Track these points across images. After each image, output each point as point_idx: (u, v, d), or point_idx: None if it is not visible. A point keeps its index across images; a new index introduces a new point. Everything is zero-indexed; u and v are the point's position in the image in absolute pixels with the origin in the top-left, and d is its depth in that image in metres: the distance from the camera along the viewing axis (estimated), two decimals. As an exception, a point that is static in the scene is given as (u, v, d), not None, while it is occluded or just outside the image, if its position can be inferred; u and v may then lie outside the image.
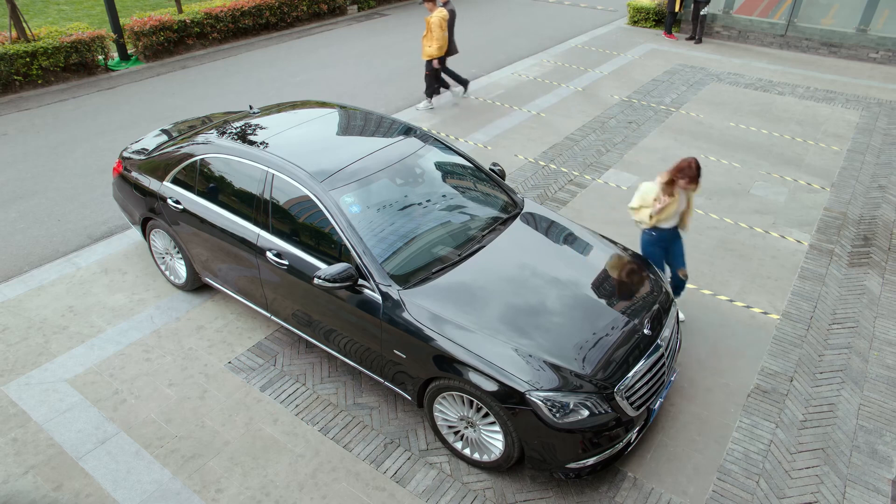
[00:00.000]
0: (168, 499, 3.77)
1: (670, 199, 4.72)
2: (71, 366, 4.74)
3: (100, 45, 10.94)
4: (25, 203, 7.00)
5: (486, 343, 3.70)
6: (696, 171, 4.62)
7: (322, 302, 4.25)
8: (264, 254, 4.46)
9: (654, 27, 14.35)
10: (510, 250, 4.39)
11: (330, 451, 4.09)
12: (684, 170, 4.62)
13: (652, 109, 9.74)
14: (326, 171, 4.34)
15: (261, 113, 5.41)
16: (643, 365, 3.87)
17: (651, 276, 4.52)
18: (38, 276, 5.74)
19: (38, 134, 8.70)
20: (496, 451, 3.82)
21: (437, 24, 8.85)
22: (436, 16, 8.87)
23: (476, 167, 5.10)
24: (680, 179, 4.66)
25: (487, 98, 10.09)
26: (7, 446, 4.09)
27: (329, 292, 4.15)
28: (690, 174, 4.61)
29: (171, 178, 5.12)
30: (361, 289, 4.01)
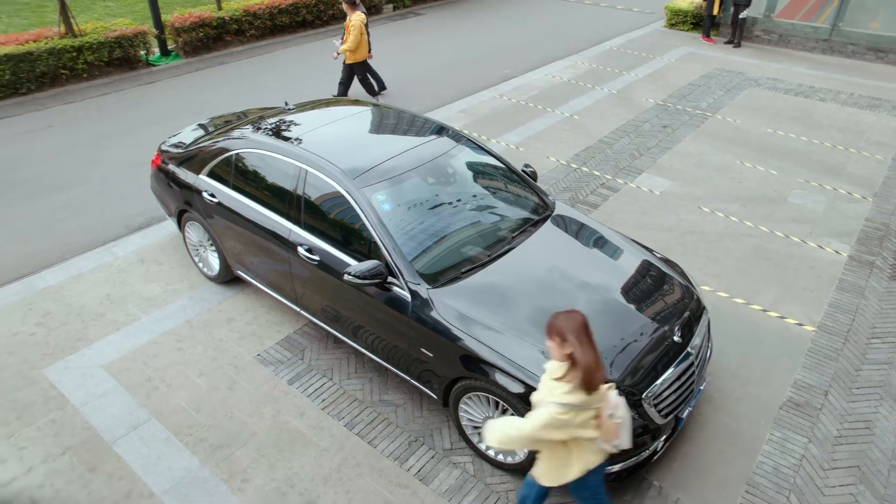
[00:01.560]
0: (196, 486, 3.85)
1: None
2: (107, 352, 4.87)
3: (142, 40, 11.20)
4: (68, 193, 7.21)
5: (513, 344, 3.69)
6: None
7: (351, 298, 4.28)
8: (295, 249, 4.51)
9: (692, 30, 14.12)
10: (540, 252, 4.37)
11: (355, 446, 4.12)
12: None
13: (687, 114, 9.59)
14: (359, 168, 4.37)
15: (296, 109, 5.47)
16: (672, 373, 3.82)
17: (682, 283, 4.46)
18: (79, 263, 5.91)
19: (82, 126, 8.95)
20: (521, 453, 3.81)
21: (357, 27, 8.69)
22: (355, 19, 8.74)
23: (508, 168, 5.09)
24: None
25: (520, 99, 10.05)
26: (46, 427, 4.22)
27: (358, 289, 4.18)
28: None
29: (206, 171, 5.22)
30: (391, 286, 4.04)
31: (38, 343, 4.94)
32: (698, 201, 7.16)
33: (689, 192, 7.34)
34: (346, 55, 8.93)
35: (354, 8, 8.81)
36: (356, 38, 8.70)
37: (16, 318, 5.20)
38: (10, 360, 4.77)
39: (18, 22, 13.83)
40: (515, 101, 10.00)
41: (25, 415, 4.31)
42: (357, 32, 8.69)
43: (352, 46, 8.76)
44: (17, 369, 4.68)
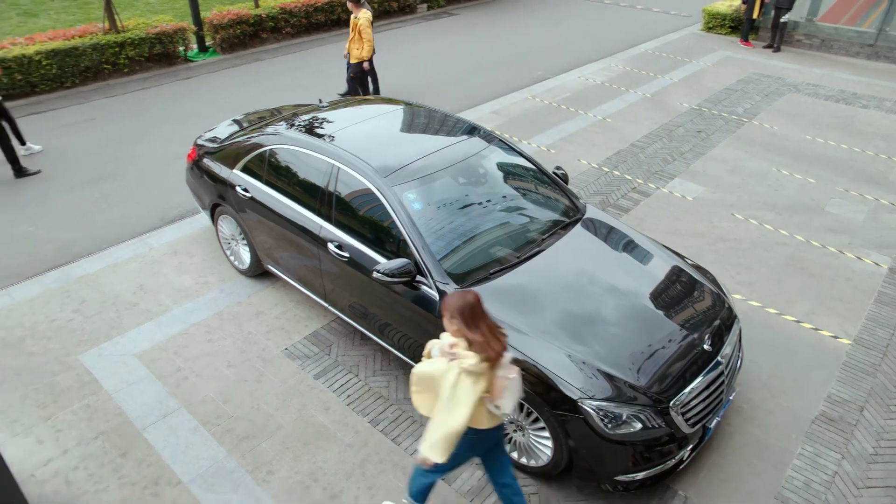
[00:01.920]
0: (222, 476, 3.91)
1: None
2: (140, 341, 4.98)
3: (181, 36, 11.44)
4: (107, 184, 7.40)
5: (539, 347, 3.67)
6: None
7: (379, 295, 4.31)
8: (326, 245, 4.56)
9: (730, 34, 13.85)
10: (569, 256, 4.34)
11: (378, 443, 4.15)
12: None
13: (723, 119, 9.42)
14: (391, 167, 4.40)
15: (329, 107, 5.53)
16: (701, 381, 3.75)
17: (713, 290, 4.38)
18: (115, 253, 6.06)
19: (122, 120, 9.17)
20: (544, 457, 3.79)
21: (366, 25, 8.63)
22: (362, 17, 8.64)
23: (539, 170, 5.07)
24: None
25: (553, 101, 9.99)
26: (81, 411, 4.34)
27: (387, 286, 4.20)
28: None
29: (240, 166, 5.30)
30: (419, 285, 4.05)
31: (74, 330, 5.08)
32: (732, 208, 7.03)
33: (722, 199, 7.21)
34: (352, 53, 8.90)
35: (360, 6, 8.72)
36: (369, 35, 8.68)
37: (54, 304, 5.35)
38: (49, 345, 4.92)
39: (66, 18, 14.24)
40: (548, 102, 9.94)
41: (62, 399, 4.44)
42: (369, 30, 8.67)
43: (371, 42, 8.75)
44: (54, 355, 4.82)
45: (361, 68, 9.06)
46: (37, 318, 5.19)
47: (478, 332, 2.97)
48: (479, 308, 3.01)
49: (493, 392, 3.06)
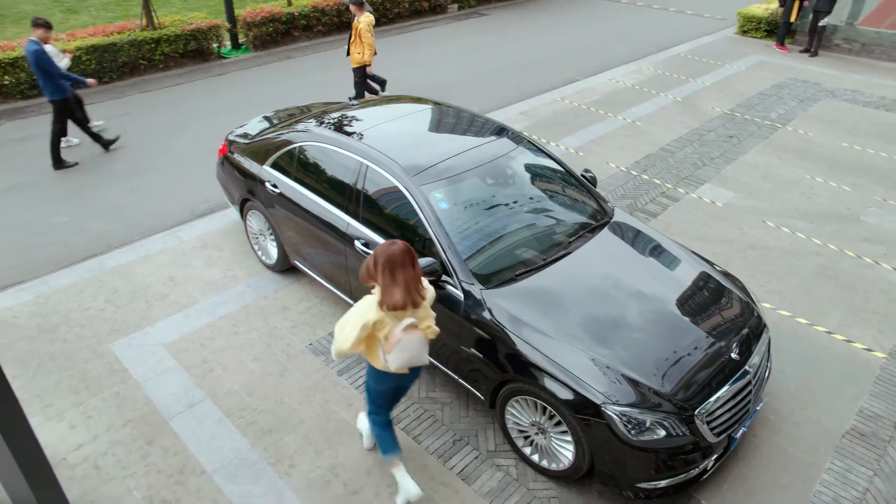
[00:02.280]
0: (245, 467, 3.97)
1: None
2: (168, 332, 5.07)
3: (215, 33, 11.63)
4: (140, 177, 7.56)
5: (563, 350, 3.65)
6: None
7: None
8: (352, 242, 4.59)
9: (765, 38, 13.60)
10: (596, 259, 4.30)
11: (400, 440, 4.15)
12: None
13: (755, 124, 9.26)
14: (419, 166, 4.41)
15: (359, 105, 5.57)
16: (728, 390, 3.70)
17: (742, 298, 4.31)
18: (147, 245, 6.18)
19: (156, 114, 9.36)
20: (565, 460, 3.76)
21: (367, 28, 8.57)
22: (363, 21, 8.57)
23: (567, 172, 5.04)
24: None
25: (582, 103, 9.92)
26: (111, 398, 4.44)
27: None
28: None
29: (270, 162, 5.37)
30: (444, 285, 4.06)
31: (106, 319, 5.20)
32: (763, 215, 6.90)
33: (753, 206, 7.08)
34: (353, 56, 8.86)
35: (362, 9, 8.68)
36: (370, 39, 8.62)
37: (88, 293, 5.49)
38: (82, 332, 5.04)
39: (105, 15, 14.59)
40: (577, 104, 9.87)
41: (93, 385, 4.55)
42: (370, 34, 8.59)
43: (371, 46, 8.70)
44: (87, 342, 4.94)
45: (364, 72, 9.03)
46: (71, 307, 5.32)
47: (384, 278, 3.21)
48: (398, 258, 3.20)
49: (387, 343, 3.29)
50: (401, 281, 3.20)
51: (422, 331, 3.33)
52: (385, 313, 3.24)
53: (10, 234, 6.39)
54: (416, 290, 3.27)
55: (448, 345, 4.15)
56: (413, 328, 3.29)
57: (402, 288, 3.20)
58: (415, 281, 3.26)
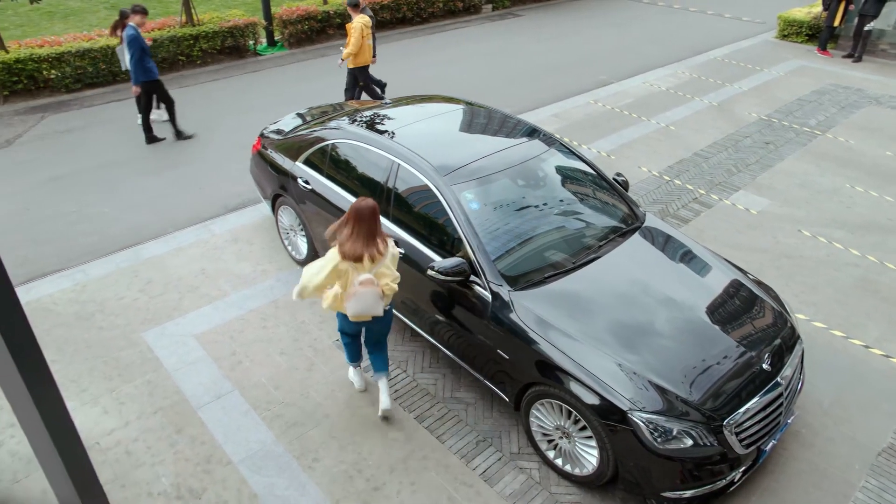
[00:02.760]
0: (270, 459, 4.02)
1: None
2: (199, 323, 5.17)
3: (252, 31, 11.82)
4: (176, 171, 7.71)
5: (590, 354, 3.63)
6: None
7: (432, 293, 4.34)
8: (381, 240, 4.61)
9: (807, 42, 13.29)
10: (626, 264, 4.26)
11: (423, 439, 4.18)
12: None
13: (794, 131, 9.05)
14: (450, 165, 4.42)
15: (392, 104, 5.60)
16: (758, 401, 3.63)
17: (775, 308, 4.22)
18: (180, 237, 6.31)
19: (193, 109, 9.53)
20: (589, 466, 3.73)
21: (357, 29, 8.30)
22: (355, 22, 8.33)
23: (599, 175, 4.99)
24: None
25: (615, 106, 9.82)
26: (143, 386, 4.55)
27: (440, 285, 4.23)
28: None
29: (302, 159, 5.43)
30: (472, 285, 4.06)
31: (139, 308, 5.32)
32: (799, 224, 6.75)
33: (789, 214, 6.93)
34: (349, 60, 8.63)
35: (358, 10, 8.50)
36: (357, 40, 8.37)
37: (123, 283, 5.62)
38: (117, 321, 5.17)
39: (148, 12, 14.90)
40: (610, 107, 9.78)
41: (126, 373, 4.66)
42: (358, 35, 8.35)
43: (353, 50, 8.43)
44: (121, 331, 5.06)
45: (365, 74, 8.86)
46: (107, 295, 5.46)
47: (349, 229, 3.70)
48: (364, 213, 3.67)
49: (346, 293, 3.75)
50: (362, 234, 3.66)
51: (379, 286, 3.72)
52: (348, 265, 3.69)
53: (51, 224, 6.59)
54: (375, 245, 3.70)
55: (474, 345, 4.15)
56: (369, 283, 3.69)
57: (362, 241, 3.66)
58: (374, 237, 3.70)
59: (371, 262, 3.72)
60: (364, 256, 3.68)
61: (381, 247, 3.75)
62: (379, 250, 3.74)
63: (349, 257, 3.68)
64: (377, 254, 3.73)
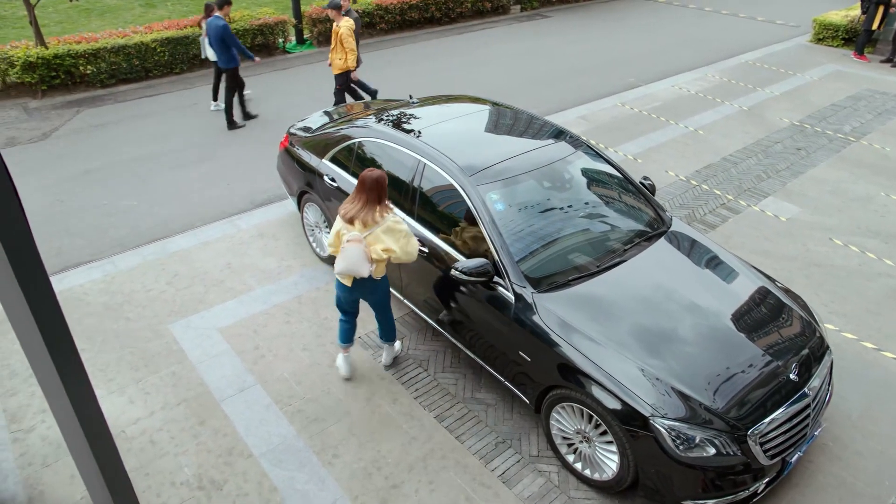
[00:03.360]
0: (290, 454, 4.06)
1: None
2: (223, 316, 5.24)
3: (281, 29, 11.95)
4: (204, 166, 7.84)
5: (613, 358, 3.59)
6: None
7: (455, 293, 4.34)
8: (405, 239, 4.63)
9: (843, 46, 13.00)
10: (651, 269, 4.21)
11: (443, 439, 4.18)
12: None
13: (826, 137, 8.86)
14: (476, 166, 4.41)
15: (419, 103, 5.61)
16: (784, 412, 3.56)
17: (803, 317, 4.14)
18: (207, 232, 6.41)
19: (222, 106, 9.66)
20: (609, 471, 3.70)
21: (348, 33, 8.08)
22: (344, 26, 8.09)
23: (625, 179, 4.95)
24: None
25: (643, 109, 9.72)
26: (168, 377, 4.63)
27: (463, 285, 4.23)
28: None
29: (329, 156, 5.48)
30: (495, 286, 4.05)
31: (166, 301, 5.41)
32: (830, 232, 6.61)
33: (819, 222, 6.79)
34: (334, 63, 8.40)
35: (342, 14, 8.25)
36: (352, 45, 8.14)
37: (151, 275, 5.73)
38: (144, 312, 5.27)
39: (181, 9, 15.20)
40: (637, 110, 9.68)
41: (151, 364, 4.74)
42: (351, 39, 8.14)
43: (353, 51, 8.23)
44: (148, 322, 5.16)
45: (348, 79, 8.55)
46: (135, 287, 5.57)
47: (355, 194, 4.00)
48: (370, 182, 3.93)
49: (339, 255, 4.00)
50: (361, 199, 3.94)
51: (366, 248, 3.92)
52: (343, 225, 4.01)
53: (83, 215, 6.74)
54: (370, 211, 3.94)
55: (495, 346, 4.14)
56: (356, 241, 3.91)
57: (360, 205, 3.94)
58: (373, 205, 3.94)
59: (363, 227, 3.96)
60: (356, 220, 3.95)
61: (376, 216, 3.96)
62: (374, 218, 3.95)
63: (343, 218, 4.00)
64: (371, 221, 3.94)
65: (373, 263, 3.99)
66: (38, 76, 9.68)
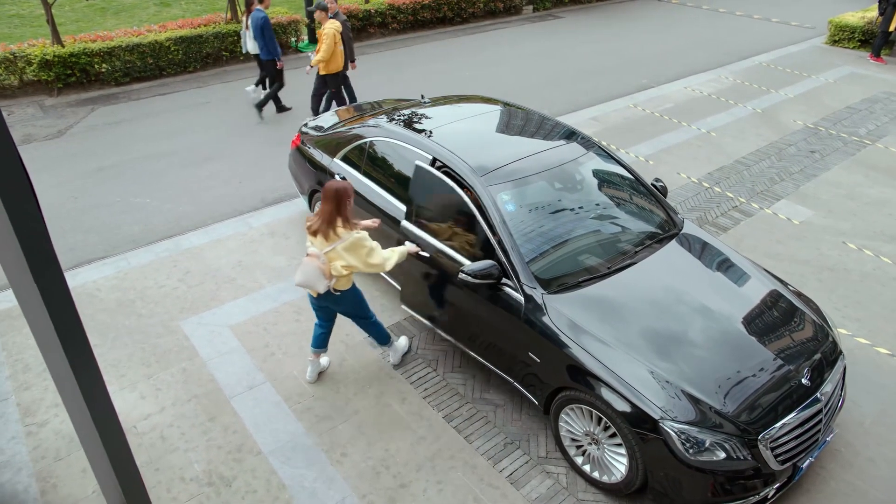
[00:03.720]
0: (299, 451, 4.08)
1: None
2: (234, 314, 5.27)
3: (294, 28, 12.00)
4: (215, 164, 7.88)
5: (622, 360, 3.58)
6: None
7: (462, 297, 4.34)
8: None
9: (859, 48, 12.87)
10: (662, 271, 4.19)
11: (451, 439, 4.18)
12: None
13: (841, 140, 8.77)
14: (487, 167, 4.41)
15: (430, 103, 5.61)
16: (795, 417, 3.53)
17: (816, 321, 4.10)
18: (218, 229, 6.45)
19: (233, 104, 9.73)
20: (618, 473, 3.69)
21: (329, 36, 7.93)
22: (326, 28, 7.96)
23: (637, 180, 4.93)
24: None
25: (655, 111, 9.67)
26: (179, 374, 4.66)
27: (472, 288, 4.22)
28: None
29: (340, 155, 5.49)
30: (503, 287, 4.04)
31: (178, 297, 5.45)
32: (844, 236, 6.54)
33: (833, 225, 6.73)
34: (320, 66, 8.25)
35: (327, 15, 8.12)
36: (329, 47, 8.01)
37: (163, 272, 5.77)
38: (156, 309, 5.31)
39: (194, 8, 15.30)
40: (649, 112, 9.63)
41: (163, 360, 4.78)
42: (330, 41, 7.99)
43: (325, 57, 8.06)
44: (160, 318, 5.20)
45: (336, 81, 8.43)
46: (147, 284, 5.61)
47: (321, 205, 3.92)
48: (328, 193, 3.87)
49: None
50: (323, 212, 3.89)
51: (323, 264, 3.90)
52: (308, 236, 4.01)
53: (97, 212, 6.80)
54: (330, 226, 3.88)
55: (505, 348, 4.14)
56: (314, 256, 3.92)
57: (320, 218, 3.90)
58: (332, 217, 3.87)
59: (325, 241, 3.92)
60: (318, 233, 3.93)
61: (338, 230, 3.91)
62: (335, 233, 3.90)
63: (308, 230, 4.00)
64: (333, 235, 3.91)
65: (331, 279, 4.00)
66: (54, 74, 9.78)
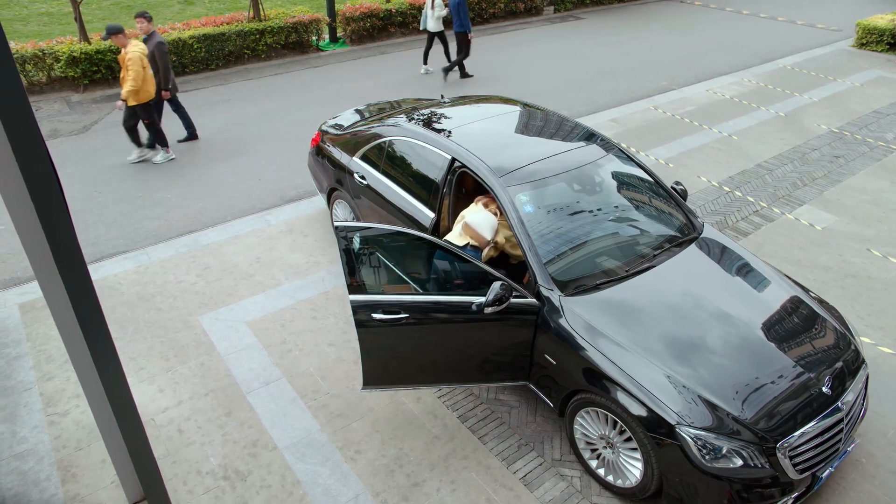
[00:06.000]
0: (314, 448, 4.10)
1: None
2: (252, 310, 5.32)
3: (315, 27, 12.08)
4: (236, 161, 7.96)
5: (639, 364, 3.55)
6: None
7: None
8: (433, 238, 4.64)
9: (888, 52, 12.63)
10: (680, 275, 4.15)
11: (465, 439, 4.18)
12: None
13: (867, 145, 8.62)
14: (506, 167, 4.40)
15: (450, 103, 5.62)
16: (815, 426, 3.48)
17: (838, 329, 4.04)
18: (237, 226, 6.51)
19: (255, 102, 9.82)
20: (633, 478, 3.66)
21: (135, 61, 7.00)
22: (131, 51, 7.02)
23: (657, 183, 4.88)
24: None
25: (676, 113, 9.58)
26: (196, 368, 4.71)
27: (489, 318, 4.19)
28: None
29: (360, 154, 5.52)
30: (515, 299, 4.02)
31: (196, 292, 5.51)
32: (868, 243, 6.43)
33: (857, 232, 6.61)
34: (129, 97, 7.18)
35: (142, 36, 7.53)
36: (138, 73, 7.04)
37: (182, 267, 5.84)
38: (175, 304, 5.37)
39: (218, 7, 15.48)
40: (670, 114, 9.55)
41: (181, 354, 4.84)
42: (138, 67, 7.01)
43: (136, 85, 7.08)
44: (178, 313, 5.26)
45: (149, 109, 7.45)
46: (167, 278, 5.68)
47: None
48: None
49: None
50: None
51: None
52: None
53: (119, 207, 6.90)
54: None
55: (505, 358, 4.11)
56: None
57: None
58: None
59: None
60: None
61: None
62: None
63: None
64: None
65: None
66: (80, 70, 9.94)
